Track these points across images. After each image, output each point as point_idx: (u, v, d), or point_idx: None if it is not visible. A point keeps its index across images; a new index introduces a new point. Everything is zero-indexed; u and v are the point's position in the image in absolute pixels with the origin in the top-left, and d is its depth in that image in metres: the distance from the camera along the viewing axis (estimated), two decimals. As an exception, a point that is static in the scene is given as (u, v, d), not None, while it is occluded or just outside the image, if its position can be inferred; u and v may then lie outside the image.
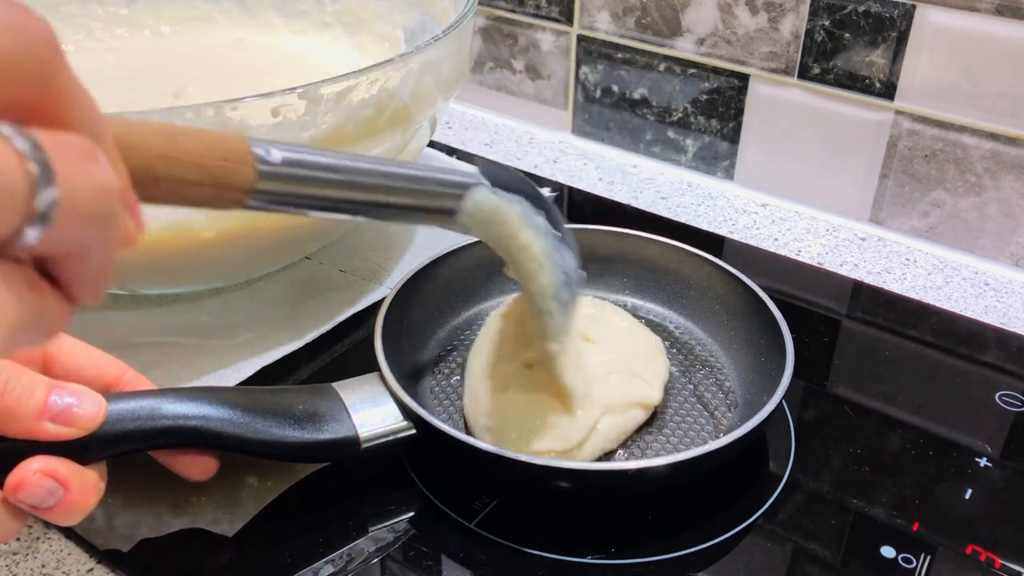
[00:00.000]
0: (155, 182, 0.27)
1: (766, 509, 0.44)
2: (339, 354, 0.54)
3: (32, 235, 0.21)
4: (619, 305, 0.56)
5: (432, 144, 0.77)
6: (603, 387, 0.47)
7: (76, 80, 0.23)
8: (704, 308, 0.55)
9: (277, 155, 0.31)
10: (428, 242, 0.65)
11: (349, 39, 0.73)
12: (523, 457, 0.41)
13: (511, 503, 0.44)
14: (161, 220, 0.46)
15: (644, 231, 0.57)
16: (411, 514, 0.44)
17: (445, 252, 0.55)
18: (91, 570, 0.42)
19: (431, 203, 0.38)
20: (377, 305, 0.58)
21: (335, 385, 0.44)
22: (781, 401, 0.44)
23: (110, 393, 0.38)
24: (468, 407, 0.48)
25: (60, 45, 0.22)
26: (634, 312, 0.56)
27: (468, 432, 0.47)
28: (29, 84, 0.21)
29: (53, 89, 0.22)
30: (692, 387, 0.51)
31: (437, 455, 0.46)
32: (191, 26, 0.74)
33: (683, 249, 0.56)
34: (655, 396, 0.48)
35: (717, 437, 0.47)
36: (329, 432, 0.42)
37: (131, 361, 0.52)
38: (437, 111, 0.57)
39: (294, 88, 0.44)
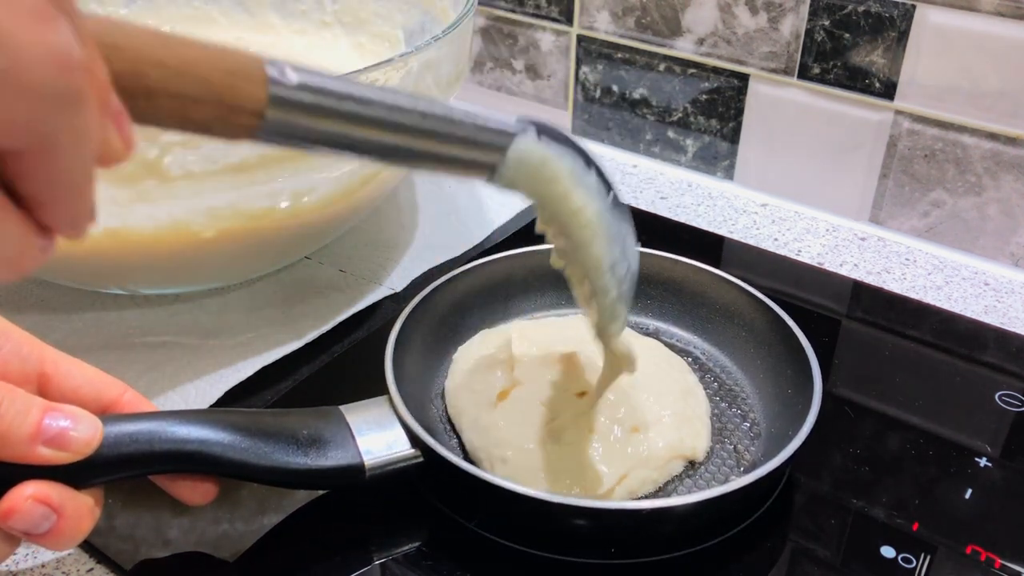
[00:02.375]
0: (147, 94, 0.24)
1: (766, 509, 0.44)
2: (339, 354, 0.54)
3: None
4: (641, 329, 0.54)
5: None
6: (649, 432, 0.44)
7: None
8: (730, 335, 0.53)
9: (293, 77, 0.26)
10: (430, 242, 0.65)
11: (349, 39, 0.73)
12: (534, 493, 0.39)
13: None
14: (161, 220, 0.46)
15: (644, 231, 0.56)
16: (409, 513, 0.44)
17: (459, 272, 0.53)
18: (91, 570, 0.42)
19: (469, 154, 0.33)
20: (377, 305, 0.58)
21: (342, 408, 0.43)
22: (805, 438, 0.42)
23: (108, 415, 0.37)
24: (475, 440, 0.45)
25: None
26: (656, 336, 0.54)
27: (475, 461, 0.45)
28: None
29: None
30: (715, 416, 0.48)
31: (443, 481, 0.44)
32: (190, 26, 0.74)
33: (711, 272, 0.54)
34: (701, 450, 0.45)
35: (739, 470, 0.45)
36: (332, 459, 0.40)
37: (131, 361, 0.52)
38: (437, 111, 0.57)
39: (294, 88, 0.44)
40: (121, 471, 0.37)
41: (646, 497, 0.44)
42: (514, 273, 0.56)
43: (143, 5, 0.73)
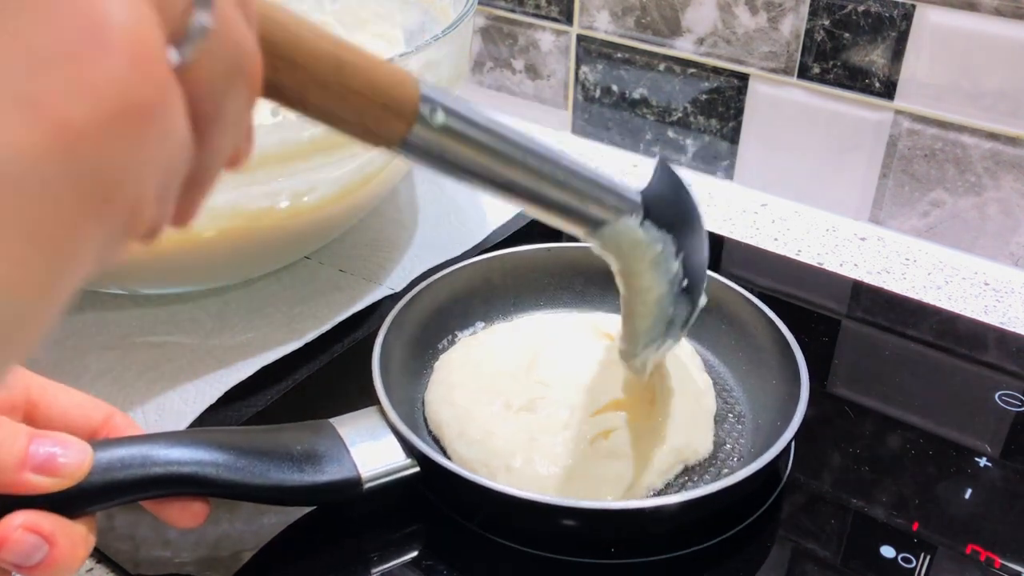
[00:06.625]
0: (303, 104, 0.25)
1: (766, 509, 0.44)
2: (339, 354, 0.54)
3: (187, 51, 0.19)
4: None
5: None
6: (659, 442, 0.44)
7: None
8: (724, 337, 0.52)
9: (440, 119, 0.29)
10: (430, 242, 0.65)
11: (349, 39, 0.73)
12: (523, 494, 0.39)
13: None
14: (161, 220, 0.46)
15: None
16: (410, 514, 0.44)
17: (442, 275, 0.53)
18: (91, 570, 0.42)
19: (581, 207, 0.36)
20: (377, 305, 0.58)
21: (332, 421, 0.42)
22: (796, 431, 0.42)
23: (97, 440, 0.36)
24: (464, 452, 0.44)
25: None
26: None
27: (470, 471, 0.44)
28: None
29: None
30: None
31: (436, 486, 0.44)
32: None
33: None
34: (702, 454, 0.45)
35: (727, 472, 0.45)
36: (328, 474, 0.40)
37: (131, 361, 0.52)
38: (437, 111, 0.57)
39: (294, 88, 0.44)
40: (115, 497, 0.36)
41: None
42: (505, 273, 0.55)
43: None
